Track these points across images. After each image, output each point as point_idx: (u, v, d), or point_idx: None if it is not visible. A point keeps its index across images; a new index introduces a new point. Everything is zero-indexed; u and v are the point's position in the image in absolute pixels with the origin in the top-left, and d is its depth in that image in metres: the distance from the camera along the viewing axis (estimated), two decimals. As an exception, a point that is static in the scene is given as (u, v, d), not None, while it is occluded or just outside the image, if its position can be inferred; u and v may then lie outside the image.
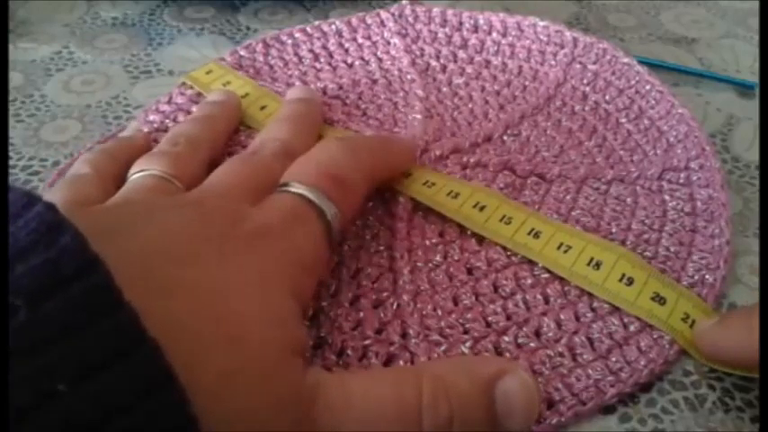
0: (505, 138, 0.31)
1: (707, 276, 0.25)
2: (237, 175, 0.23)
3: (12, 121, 0.32)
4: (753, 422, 0.21)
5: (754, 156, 0.32)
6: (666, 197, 0.28)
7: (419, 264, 0.25)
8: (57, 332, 0.13)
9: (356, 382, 0.19)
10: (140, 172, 0.24)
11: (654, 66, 0.35)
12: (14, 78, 0.35)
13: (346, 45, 0.36)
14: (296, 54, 0.35)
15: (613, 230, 0.27)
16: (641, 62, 0.34)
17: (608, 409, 0.21)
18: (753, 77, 0.36)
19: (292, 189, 0.21)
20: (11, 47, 0.37)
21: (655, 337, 0.23)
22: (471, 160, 0.29)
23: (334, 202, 0.22)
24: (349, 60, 0.35)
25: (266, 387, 0.16)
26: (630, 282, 0.24)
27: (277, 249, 0.19)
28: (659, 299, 0.23)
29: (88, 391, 0.12)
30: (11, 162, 0.30)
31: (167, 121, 0.31)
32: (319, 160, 0.23)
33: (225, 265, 0.18)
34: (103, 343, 0.13)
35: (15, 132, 0.31)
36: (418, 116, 0.31)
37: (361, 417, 0.18)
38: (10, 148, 0.30)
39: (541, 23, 0.36)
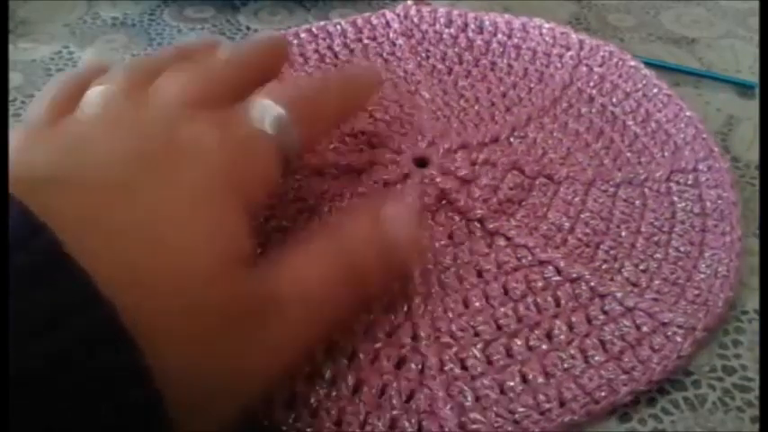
0: (512, 140, 0.31)
1: (720, 269, 0.25)
2: (184, 81, 0.21)
3: (12, 121, 0.32)
4: (753, 422, 0.21)
5: (754, 156, 0.32)
6: (675, 198, 0.28)
7: (429, 266, 0.25)
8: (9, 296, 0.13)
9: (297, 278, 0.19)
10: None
11: (654, 66, 0.35)
12: (14, 78, 0.35)
13: (352, 46, 0.36)
14: (301, 54, 0.35)
15: (623, 233, 0.27)
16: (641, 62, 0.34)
17: (607, 409, 0.21)
18: (753, 77, 0.37)
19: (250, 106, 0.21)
20: (11, 47, 0.37)
21: (668, 334, 0.23)
22: (480, 157, 0.29)
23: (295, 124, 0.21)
24: (354, 61, 0.35)
25: (208, 302, 0.16)
26: None
27: (220, 160, 0.19)
28: None
29: (40, 348, 0.13)
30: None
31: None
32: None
33: (162, 188, 0.18)
34: (53, 304, 0.13)
35: (17, 133, 0.31)
36: (424, 117, 0.31)
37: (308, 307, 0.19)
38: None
39: (547, 25, 0.36)
